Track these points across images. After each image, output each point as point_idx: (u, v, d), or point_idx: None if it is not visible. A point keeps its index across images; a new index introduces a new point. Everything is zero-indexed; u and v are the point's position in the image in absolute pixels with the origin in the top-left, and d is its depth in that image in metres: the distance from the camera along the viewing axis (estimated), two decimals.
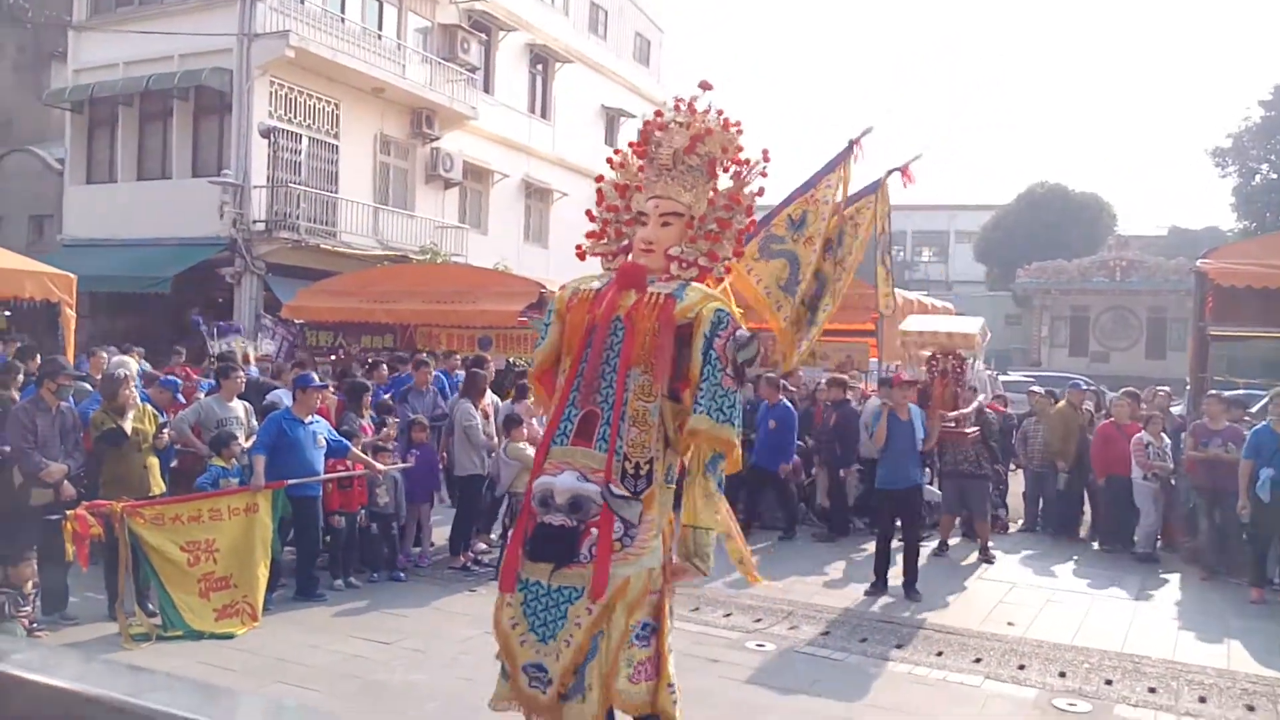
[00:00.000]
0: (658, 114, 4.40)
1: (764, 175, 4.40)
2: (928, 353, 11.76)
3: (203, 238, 19.93)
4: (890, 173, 9.78)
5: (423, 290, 16.86)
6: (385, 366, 12.38)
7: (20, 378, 9.57)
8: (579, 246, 4.57)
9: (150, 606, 7.17)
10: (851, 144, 9.12)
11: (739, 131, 4.35)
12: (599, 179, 4.59)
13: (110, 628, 6.98)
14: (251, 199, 19.69)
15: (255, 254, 19.75)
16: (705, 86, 4.38)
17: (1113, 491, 11.28)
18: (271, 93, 20.16)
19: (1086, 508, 12.27)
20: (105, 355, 11.29)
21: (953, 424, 10.47)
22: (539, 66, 28.38)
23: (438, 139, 23.83)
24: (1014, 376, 26.44)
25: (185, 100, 21.04)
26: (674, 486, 4.16)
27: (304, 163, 20.87)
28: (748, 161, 4.37)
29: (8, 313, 17.73)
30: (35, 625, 6.82)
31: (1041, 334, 39.37)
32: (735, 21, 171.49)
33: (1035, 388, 13.97)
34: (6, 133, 27.11)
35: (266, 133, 19.39)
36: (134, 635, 6.85)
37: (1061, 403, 12.48)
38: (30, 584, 6.80)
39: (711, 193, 4.34)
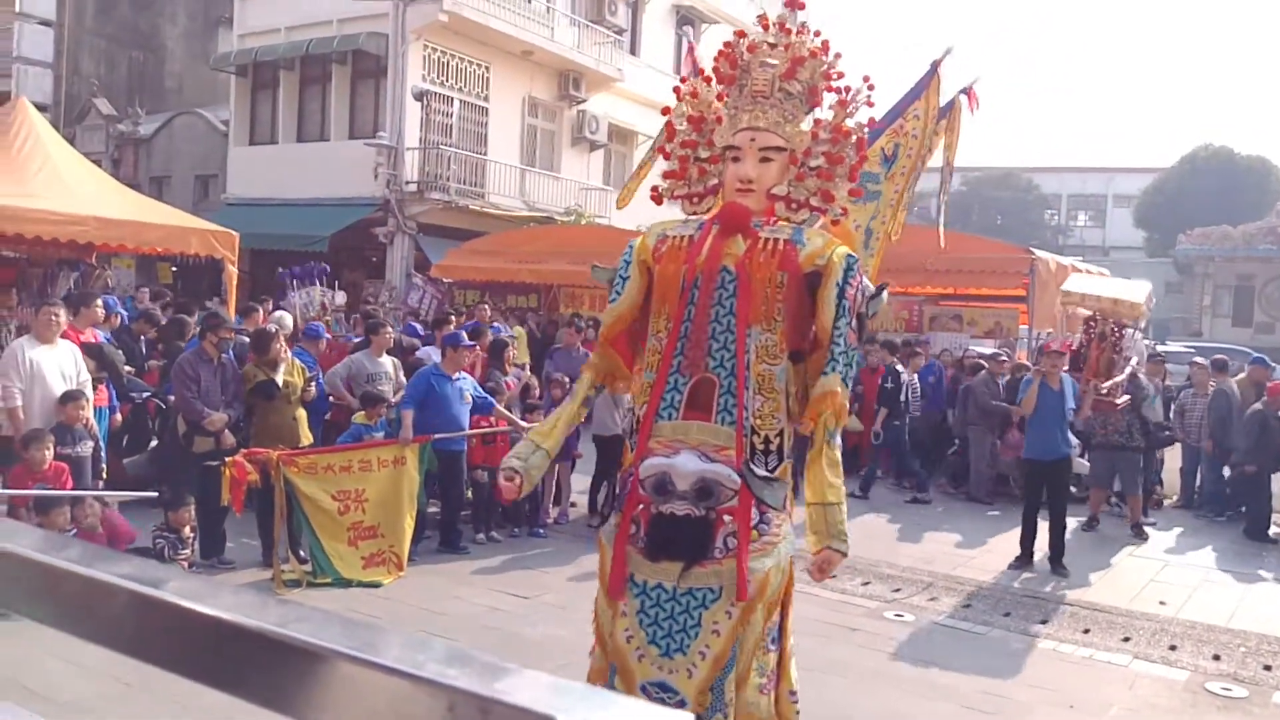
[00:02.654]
0: (739, 34, 3.84)
1: (870, 105, 3.81)
2: (1086, 312, 11.22)
3: (358, 198, 20.47)
4: (959, 94, 8.42)
5: (567, 251, 17.03)
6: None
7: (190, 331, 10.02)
8: (654, 189, 3.98)
9: (302, 553, 7.38)
10: (934, 65, 7.99)
11: (838, 56, 3.78)
12: (665, 110, 4.01)
13: (264, 573, 7.22)
14: (404, 160, 20.09)
15: (407, 214, 20.19)
16: (796, 5, 3.84)
17: None
18: (425, 56, 20.50)
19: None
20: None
21: (1104, 393, 10.03)
22: (685, 28, 28.05)
23: (584, 101, 23.91)
24: (1173, 347, 25.19)
25: (343, 64, 21.60)
26: (790, 461, 3.63)
27: (455, 125, 21.19)
28: (847, 89, 3.77)
29: (174, 268, 18.60)
30: (193, 568, 7.11)
31: (1203, 303, 37.34)
32: None
33: (1198, 359, 13.33)
34: (177, 96, 28.38)
35: (420, 96, 19.79)
36: (286, 581, 7.06)
37: (1241, 376, 11.86)
38: (189, 528, 7.11)
39: (812, 124, 3.76)
